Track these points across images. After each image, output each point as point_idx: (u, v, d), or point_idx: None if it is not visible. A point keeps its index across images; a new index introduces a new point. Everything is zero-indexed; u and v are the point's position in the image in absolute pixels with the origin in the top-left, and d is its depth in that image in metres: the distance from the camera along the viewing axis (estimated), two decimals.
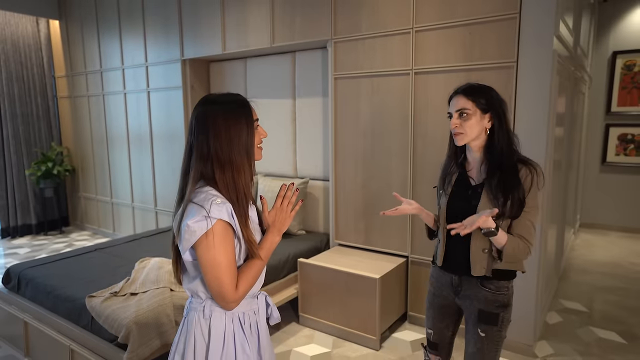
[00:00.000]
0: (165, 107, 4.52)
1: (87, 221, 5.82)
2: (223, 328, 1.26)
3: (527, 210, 1.47)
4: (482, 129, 1.51)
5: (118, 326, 2.25)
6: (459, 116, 1.50)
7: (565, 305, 3.48)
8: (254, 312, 1.34)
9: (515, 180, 1.46)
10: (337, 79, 3.30)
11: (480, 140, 1.53)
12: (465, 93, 1.50)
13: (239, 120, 1.23)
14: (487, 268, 1.52)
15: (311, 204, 3.83)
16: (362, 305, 2.85)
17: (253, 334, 1.33)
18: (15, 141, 5.52)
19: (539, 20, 2.49)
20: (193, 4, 4.07)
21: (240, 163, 1.23)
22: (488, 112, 1.50)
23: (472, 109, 1.49)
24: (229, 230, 1.20)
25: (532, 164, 1.50)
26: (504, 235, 1.45)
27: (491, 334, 1.54)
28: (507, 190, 1.45)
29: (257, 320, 1.35)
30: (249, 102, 1.29)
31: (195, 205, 1.19)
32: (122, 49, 4.80)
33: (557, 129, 2.99)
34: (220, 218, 1.17)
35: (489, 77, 2.67)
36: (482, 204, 1.49)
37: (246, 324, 1.30)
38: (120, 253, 3.32)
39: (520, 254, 1.47)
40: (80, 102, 5.55)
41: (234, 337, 1.27)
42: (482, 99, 1.49)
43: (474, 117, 1.49)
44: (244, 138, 1.23)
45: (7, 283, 3.07)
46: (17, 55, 5.49)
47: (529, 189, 1.47)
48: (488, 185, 1.50)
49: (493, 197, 1.47)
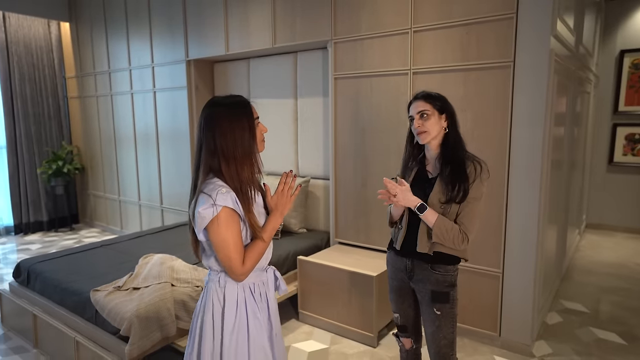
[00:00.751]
0: (170, 107, 4.60)
1: (96, 218, 5.95)
2: (236, 296, 1.45)
3: (469, 201, 1.67)
4: (441, 128, 1.73)
5: (120, 319, 2.32)
6: (420, 117, 1.72)
7: (566, 306, 3.47)
8: (262, 283, 1.52)
9: (462, 173, 1.67)
10: (337, 79, 3.34)
11: (438, 139, 1.75)
12: (424, 98, 1.74)
13: (241, 119, 1.39)
14: (430, 247, 1.71)
15: (312, 203, 3.88)
16: (359, 302, 2.88)
17: (263, 302, 1.50)
18: (27, 140, 5.67)
19: (535, 20, 2.50)
20: (197, 6, 4.15)
21: (243, 157, 1.39)
22: (443, 113, 1.73)
23: (430, 110, 1.71)
24: (234, 215, 1.37)
25: (478, 160, 1.71)
26: (433, 216, 1.66)
27: (445, 311, 1.74)
28: (454, 180, 1.66)
29: (266, 290, 1.53)
30: (250, 102, 1.45)
31: (205, 195, 1.36)
32: (130, 50, 4.90)
33: (556, 129, 2.99)
34: (225, 205, 1.35)
35: (486, 77, 2.68)
36: (434, 192, 1.70)
37: (256, 292, 1.49)
38: (125, 249, 3.41)
39: (453, 238, 1.65)
40: (89, 102, 5.67)
41: (245, 303, 1.46)
42: (438, 102, 1.73)
43: (432, 117, 1.71)
44: (246, 135, 1.40)
45: (18, 277, 3.18)
46: (29, 56, 5.63)
47: (473, 181, 1.67)
48: (441, 176, 1.71)
49: (444, 186, 1.68)
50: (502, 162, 2.69)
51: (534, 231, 2.64)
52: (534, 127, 2.57)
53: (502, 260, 2.76)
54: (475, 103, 2.75)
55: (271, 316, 1.52)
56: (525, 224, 2.66)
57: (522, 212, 2.67)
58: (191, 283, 2.65)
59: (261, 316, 1.49)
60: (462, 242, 1.68)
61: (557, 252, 3.62)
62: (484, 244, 2.81)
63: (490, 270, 2.81)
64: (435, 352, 1.79)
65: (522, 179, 2.64)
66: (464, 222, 1.68)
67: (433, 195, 1.71)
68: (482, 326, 2.89)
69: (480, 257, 2.83)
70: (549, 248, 3.16)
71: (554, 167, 3.07)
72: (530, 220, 2.64)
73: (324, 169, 3.78)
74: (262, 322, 1.48)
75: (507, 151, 2.67)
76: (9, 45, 5.45)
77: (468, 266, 2.88)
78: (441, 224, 1.66)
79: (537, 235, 2.64)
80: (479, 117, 2.74)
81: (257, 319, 1.47)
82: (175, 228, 4.07)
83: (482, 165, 1.70)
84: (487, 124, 2.72)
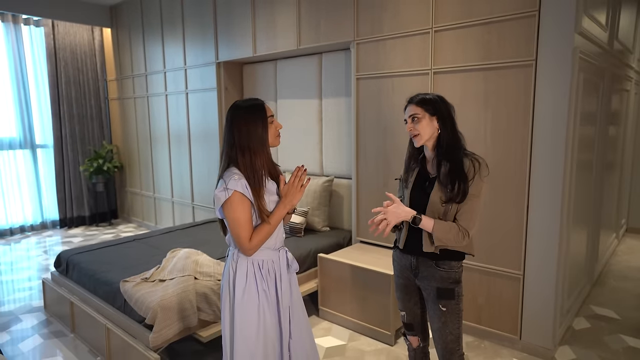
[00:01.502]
0: (201, 107, 4.78)
1: (133, 214, 6.25)
2: (245, 269, 1.70)
3: (468, 197, 1.68)
4: (434, 130, 1.75)
5: (146, 308, 2.47)
6: (412, 120, 1.76)
7: (596, 312, 3.35)
8: (272, 261, 1.73)
9: (461, 172, 1.69)
10: (359, 79, 3.38)
11: (433, 140, 1.78)
12: (416, 102, 1.77)
13: (255, 117, 1.65)
14: (435, 246, 1.73)
15: (336, 202, 3.93)
16: (377, 301, 2.91)
17: (270, 278, 1.72)
18: (72, 139, 6.04)
19: (558, 17, 2.44)
20: (227, 10, 4.29)
21: (256, 147, 1.64)
22: (435, 115, 1.74)
23: (421, 114, 1.74)
24: (243, 198, 1.61)
25: (476, 157, 1.72)
26: (429, 223, 1.69)
27: (451, 308, 1.76)
28: (453, 180, 1.68)
29: (274, 268, 1.73)
30: (264, 103, 1.70)
31: (222, 180, 1.64)
32: (164, 54, 5.13)
33: (583, 128, 2.90)
34: (235, 190, 1.60)
35: (507, 76, 2.64)
36: (434, 192, 1.73)
37: (264, 268, 1.71)
38: (156, 243, 3.58)
39: (454, 237, 1.68)
40: (127, 104, 5.98)
41: (254, 275, 1.69)
42: (429, 105, 1.75)
43: (423, 120, 1.74)
44: (259, 129, 1.65)
45: (58, 267, 3.42)
46: (74, 61, 6.00)
47: (472, 178, 1.69)
48: (438, 177, 1.74)
49: (443, 186, 1.70)
50: (523, 161, 2.64)
51: (556, 232, 2.58)
52: (557, 127, 2.51)
53: (523, 262, 2.71)
54: (497, 102, 2.71)
55: (279, 291, 1.72)
56: (547, 225, 2.60)
57: (543, 213, 2.61)
58: (213, 277, 2.76)
59: (268, 289, 1.71)
60: (462, 239, 1.69)
61: (587, 256, 3.50)
62: (504, 244, 2.76)
63: (510, 271, 2.76)
64: (442, 348, 1.81)
65: (544, 179, 2.58)
66: (464, 218, 1.70)
67: (434, 194, 1.73)
68: (502, 328, 2.84)
69: (500, 258, 2.79)
70: (575, 251, 3.06)
71: (582, 168, 2.98)
72: (552, 221, 2.58)
73: (347, 168, 3.83)
74: (268, 294, 1.70)
75: (528, 151, 2.62)
76: (57, 52, 5.83)
77: (487, 267, 2.84)
78: (439, 227, 1.68)
79: (560, 236, 2.58)
80: (500, 116, 2.70)
81: (263, 289, 1.69)
82: (204, 224, 4.23)
83: (481, 162, 1.71)
84: (508, 124, 2.68)
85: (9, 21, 5.49)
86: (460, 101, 2.85)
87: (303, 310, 1.87)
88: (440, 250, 1.75)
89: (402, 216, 1.70)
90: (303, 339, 1.83)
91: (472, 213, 1.70)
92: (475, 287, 2.92)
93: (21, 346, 2.95)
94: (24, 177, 5.86)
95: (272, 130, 1.68)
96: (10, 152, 5.71)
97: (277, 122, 1.72)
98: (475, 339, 2.94)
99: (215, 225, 4.17)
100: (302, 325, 1.82)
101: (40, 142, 5.98)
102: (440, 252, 1.75)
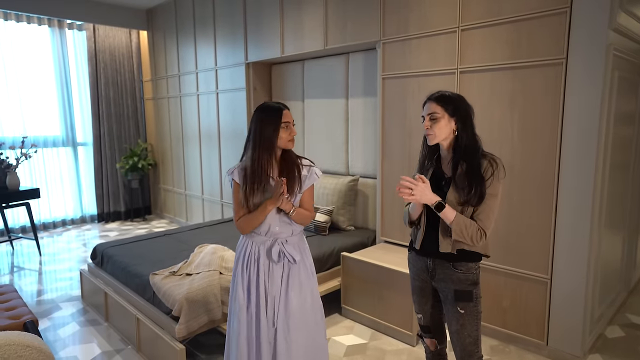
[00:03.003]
0: (231, 107, 4.90)
1: (165, 211, 6.48)
2: (241, 245, 2.01)
3: (486, 197, 1.67)
4: (450, 131, 1.73)
5: (173, 301, 2.57)
6: (430, 119, 1.73)
7: (632, 320, 3.21)
8: (257, 245, 1.95)
9: (478, 175, 1.67)
10: (385, 79, 3.37)
11: (449, 140, 1.75)
12: (436, 100, 1.73)
13: (269, 121, 1.86)
14: (453, 246, 1.72)
15: (361, 201, 3.94)
16: (400, 301, 2.90)
17: (252, 260, 1.94)
18: (109, 138, 6.32)
19: (591, 13, 2.36)
20: (256, 12, 4.38)
21: (262, 147, 1.84)
22: (454, 116, 1.71)
23: (440, 113, 1.71)
24: (237, 186, 1.93)
25: (494, 157, 1.71)
26: (451, 213, 1.66)
27: (469, 310, 1.75)
28: (471, 182, 1.67)
29: (258, 251, 1.93)
30: (283, 110, 1.88)
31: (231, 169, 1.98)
32: (196, 55, 5.29)
33: (619, 128, 2.79)
34: (233, 178, 1.95)
35: (536, 75, 2.58)
36: (450, 192, 1.72)
37: (249, 249, 1.96)
38: (185, 239, 3.71)
39: (471, 235, 1.66)
40: (161, 103, 6.19)
41: (241, 252, 1.98)
42: (450, 105, 1.71)
43: (442, 120, 1.71)
44: (269, 132, 1.85)
45: (94, 259, 3.60)
46: (113, 62, 6.27)
47: (489, 177, 1.68)
48: (454, 179, 1.72)
49: (460, 188, 1.69)
50: (551, 162, 2.57)
51: (586, 235, 2.49)
52: (589, 126, 2.42)
53: (551, 265, 2.63)
54: (524, 102, 2.64)
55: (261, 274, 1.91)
56: (577, 228, 2.52)
57: (573, 215, 2.53)
58: None
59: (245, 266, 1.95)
60: (480, 239, 1.67)
61: (623, 261, 3.35)
62: (531, 247, 2.70)
63: (537, 275, 2.69)
64: (460, 350, 1.79)
65: (574, 179, 2.50)
66: (481, 218, 1.68)
67: (450, 194, 1.71)
68: (528, 333, 2.78)
69: (527, 261, 2.72)
70: (609, 255, 2.94)
71: (617, 169, 2.86)
72: (582, 223, 2.50)
73: (373, 167, 3.83)
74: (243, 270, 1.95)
75: (557, 151, 2.54)
76: (97, 54, 6.11)
77: (513, 270, 2.78)
78: (460, 220, 1.66)
79: (590, 239, 2.49)
80: (528, 116, 2.64)
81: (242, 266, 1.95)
82: (231, 221, 4.34)
83: (498, 162, 1.69)
84: (536, 123, 2.61)
85: (55, 26, 5.81)
86: (487, 101, 2.80)
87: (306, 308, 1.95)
88: (457, 251, 1.73)
89: (428, 197, 1.65)
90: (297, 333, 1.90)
91: (490, 212, 1.68)
92: (500, 290, 2.86)
93: (60, 332, 3.13)
94: (65, 173, 6.18)
95: (285, 134, 1.86)
96: (54, 149, 6.04)
97: (293, 129, 1.89)
98: (500, 342, 2.88)
99: None
100: (296, 320, 1.91)
101: (81, 140, 6.29)
102: (458, 253, 1.73)
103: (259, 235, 1.94)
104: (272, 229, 1.93)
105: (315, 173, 1.97)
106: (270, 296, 1.91)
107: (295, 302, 1.92)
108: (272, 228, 1.93)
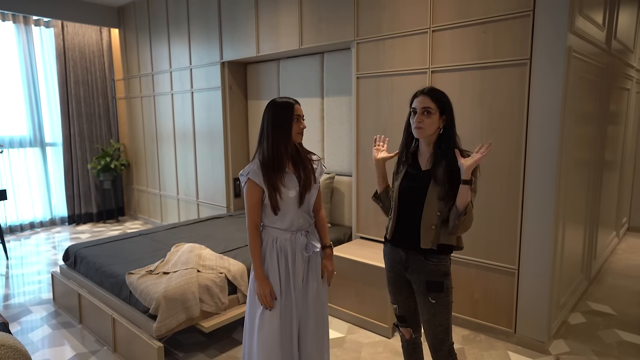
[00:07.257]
0: (206, 106, 4.88)
1: (139, 211, 6.37)
2: (267, 237, 2.00)
3: None
4: (437, 127, 1.77)
5: (150, 299, 2.56)
6: (423, 113, 1.75)
7: (592, 308, 3.39)
8: (285, 239, 1.97)
9: (458, 172, 1.69)
10: (359, 79, 3.45)
11: (434, 136, 1.79)
12: (431, 95, 1.76)
13: (281, 115, 1.92)
14: (434, 242, 1.77)
15: (337, 198, 4.00)
16: (375, 294, 2.98)
17: (282, 253, 1.97)
18: (80, 138, 6.17)
19: (552, 16, 2.49)
20: (231, 11, 4.38)
21: (276, 138, 1.89)
22: (443, 114, 1.76)
23: (434, 109, 1.75)
24: (255, 185, 1.91)
25: (470, 153, 1.72)
26: (468, 194, 1.67)
27: (440, 300, 1.81)
28: (452, 178, 1.71)
29: (287, 246, 1.96)
30: (295, 104, 1.94)
31: (245, 168, 1.96)
32: (170, 53, 5.23)
33: (579, 127, 2.95)
34: (249, 177, 1.91)
35: (502, 75, 2.70)
36: (430, 187, 1.76)
37: (278, 243, 1.97)
38: (161, 238, 3.68)
39: (470, 219, 1.72)
40: (134, 103, 6.09)
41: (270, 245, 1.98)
42: (441, 102, 1.76)
43: (434, 115, 1.75)
44: (285, 125, 1.91)
45: (66, 260, 3.52)
46: (83, 61, 6.13)
47: None
48: (434, 173, 1.76)
49: (440, 184, 1.73)
50: (518, 159, 2.70)
51: (550, 228, 2.63)
52: (550, 125, 2.56)
53: (518, 257, 2.76)
54: (493, 100, 2.76)
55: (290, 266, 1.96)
56: (541, 221, 2.65)
57: (537, 210, 2.66)
58: (215, 270, 2.85)
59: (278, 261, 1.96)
60: (466, 229, 1.74)
61: (584, 253, 3.54)
62: (500, 240, 2.82)
63: (505, 266, 2.82)
64: (432, 338, 1.86)
65: (538, 175, 2.64)
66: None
67: (430, 190, 1.75)
68: (497, 322, 2.90)
69: (496, 253, 2.85)
70: (571, 248, 3.11)
71: (578, 166, 3.03)
72: (545, 217, 2.63)
73: (348, 165, 3.90)
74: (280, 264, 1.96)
75: (523, 149, 2.67)
76: (66, 52, 5.96)
77: (484, 262, 2.90)
78: (470, 205, 1.70)
79: (553, 232, 2.63)
80: (496, 114, 2.76)
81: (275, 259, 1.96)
82: (207, 221, 4.32)
83: None
84: (504, 121, 2.74)
85: (20, 22, 5.62)
86: (457, 99, 2.90)
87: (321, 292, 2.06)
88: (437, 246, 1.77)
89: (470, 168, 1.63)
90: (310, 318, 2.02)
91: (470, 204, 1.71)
92: (472, 281, 2.98)
93: (31, 336, 3.05)
94: (33, 174, 6.00)
95: (296, 126, 1.93)
96: (21, 150, 5.85)
97: (303, 122, 1.96)
98: (471, 332, 3.00)
99: (218, 221, 4.26)
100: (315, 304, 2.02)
101: (50, 141, 6.12)
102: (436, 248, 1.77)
103: (279, 229, 1.97)
104: (297, 222, 1.97)
105: (323, 166, 2.10)
106: (297, 285, 1.98)
107: (314, 288, 2.02)
108: (296, 221, 1.97)
